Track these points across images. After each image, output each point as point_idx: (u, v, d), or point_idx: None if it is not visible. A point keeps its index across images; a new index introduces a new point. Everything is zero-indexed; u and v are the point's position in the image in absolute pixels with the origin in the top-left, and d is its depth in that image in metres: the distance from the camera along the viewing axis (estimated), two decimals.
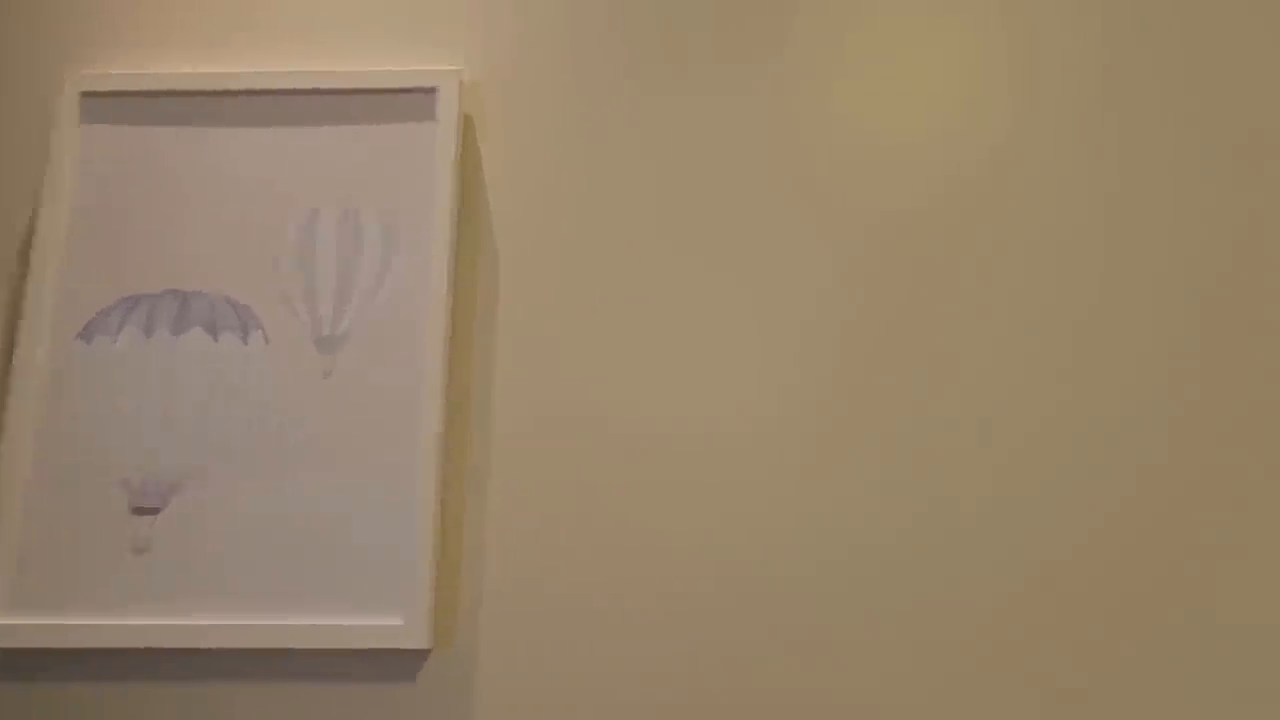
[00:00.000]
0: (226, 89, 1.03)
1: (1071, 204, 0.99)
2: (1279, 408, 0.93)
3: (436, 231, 0.97)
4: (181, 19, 1.07)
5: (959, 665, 0.89)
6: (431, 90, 1.01)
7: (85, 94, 1.03)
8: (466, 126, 1.02)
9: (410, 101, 1.01)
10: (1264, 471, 0.92)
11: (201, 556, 0.92)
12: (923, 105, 1.02)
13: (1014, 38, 1.03)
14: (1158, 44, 1.02)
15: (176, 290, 0.98)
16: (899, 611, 0.90)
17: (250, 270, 0.99)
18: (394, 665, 0.91)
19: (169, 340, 0.97)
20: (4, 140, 1.04)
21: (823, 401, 0.95)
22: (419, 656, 0.91)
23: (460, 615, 0.92)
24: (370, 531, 0.92)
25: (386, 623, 0.89)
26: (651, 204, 1.01)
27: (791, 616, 0.91)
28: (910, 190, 1.00)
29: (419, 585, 0.90)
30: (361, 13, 1.07)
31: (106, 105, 1.03)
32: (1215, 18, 1.02)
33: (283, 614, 0.91)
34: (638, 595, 0.91)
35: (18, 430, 0.94)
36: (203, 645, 0.89)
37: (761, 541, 0.92)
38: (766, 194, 1.01)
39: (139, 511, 0.93)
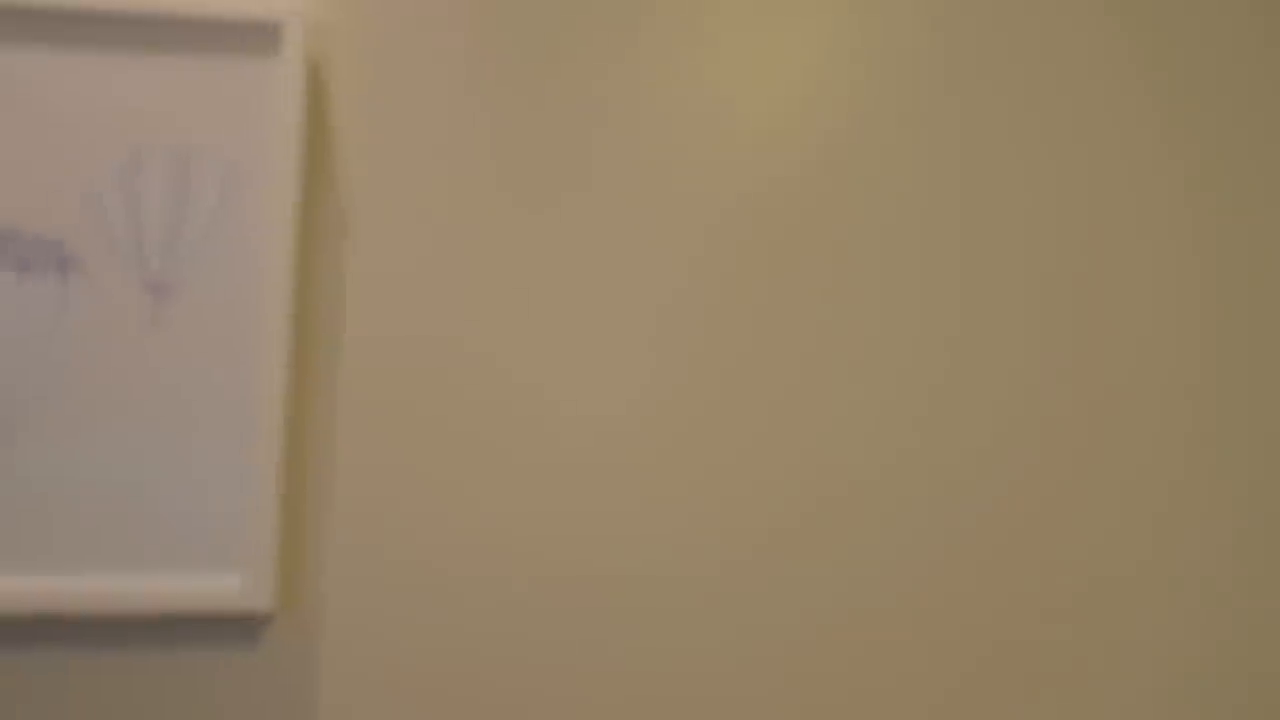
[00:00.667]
0: (44, 6, 0.93)
1: (928, 182, 1.05)
2: (1137, 392, 1.03)
3: (279, 177, 0.92)
4: None
5: (821, 654, 0.95)
6: (275, 27, 0.95)
7: None
8: (313, 69, 0.97)
9: (252, 37, 0.95)
10: (1118, 444, 1.02)
11: (17, 515, 0.86)
12: (778, 88, 1.04)
13: (868, 18, 1.07)
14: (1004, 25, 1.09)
15: None
16: (755, 592, 0.95)
17: (69, 207, 0.91)
18: (233, 630, 0.88)
19: None
20: None
21: (681, 380, 0.98)
22: (261, 620, 0.89)
23: (306, 576, 0.90)
24: (207, 488, 0.89)
25: (224, 583, 0.86)
26: (509, 163, 1.00)
27: (644, 578, 0.94)
28: (766, 172, 1.03)
29: (261, 542, 0.87)
30: None
31: None
32: (1062, 4, 1.09)
33: (111, 576, 0.86)
34: (491, 556, 0.92)
35: None
36: (19, 610, 0.84)
37: (613, 510, 0.95)
38: (629, 162, 1.01)
39: None
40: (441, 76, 1.00)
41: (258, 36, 0.94)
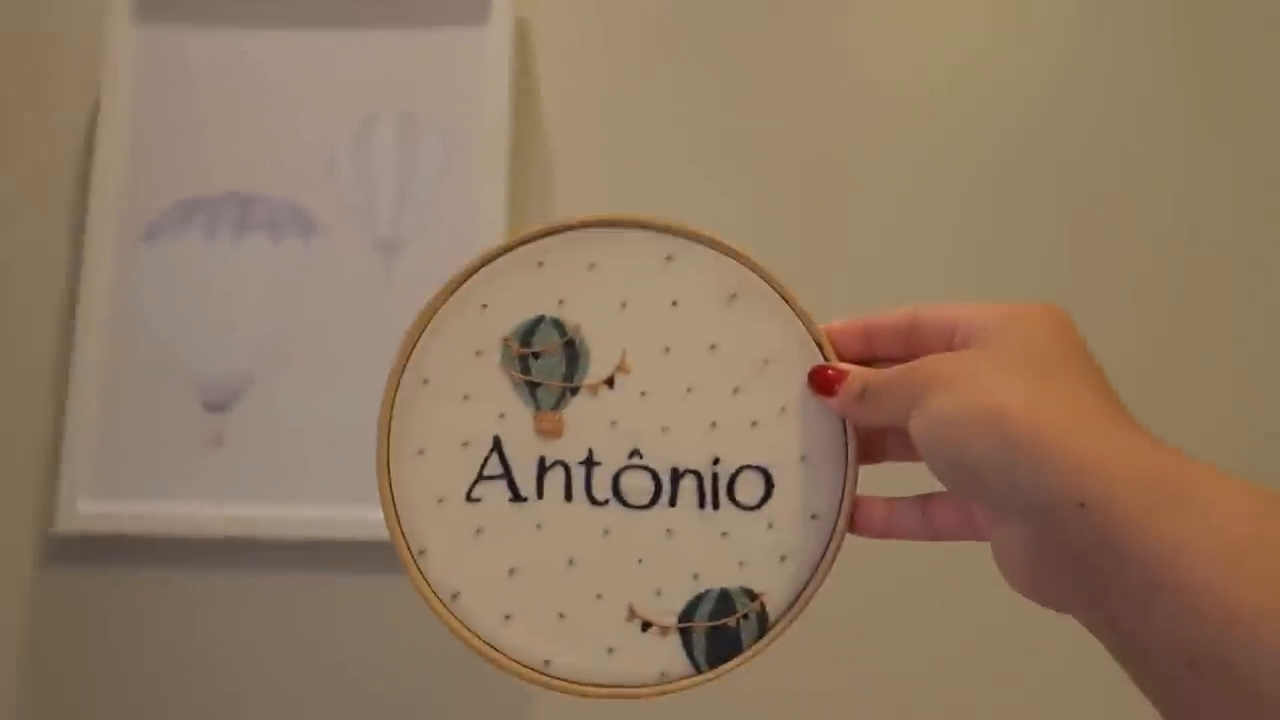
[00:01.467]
0: None
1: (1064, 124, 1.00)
2: None
3: (491, 137, 0.99)
4: None
5: None
6: None
7: None
8: (521, 30, 1.02)
9: (464, 4, 1.01)
10: None
11: (271, 451, 0.96)
12: (962, 55, 1.02)
13: None
14: None
15: (237, 193, 1.00)
16: None
17: (309, 174, 1.00)
18: None
19: (231, 243, 0.99)
20: (59, 42, 1.05)
21: None
22: None
23: None
24: None
25: None
26: (711, 110, 1.02)
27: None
28: (961, 140, 1.01)
29: None
30: None
31: (159, 5, 1.03)
32: None
33: (349, 506, 0.95)
34: None
35: (88, 331, 0.97)
36: (275, 535, 0.94)
37: None
38: (819, 119, 1.02)
39: (211, 408, 0.97)
40: (639, 33, 1.03)
41: (469, 7, 1.00)
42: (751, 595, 0.41)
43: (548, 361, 0.42)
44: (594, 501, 0.42)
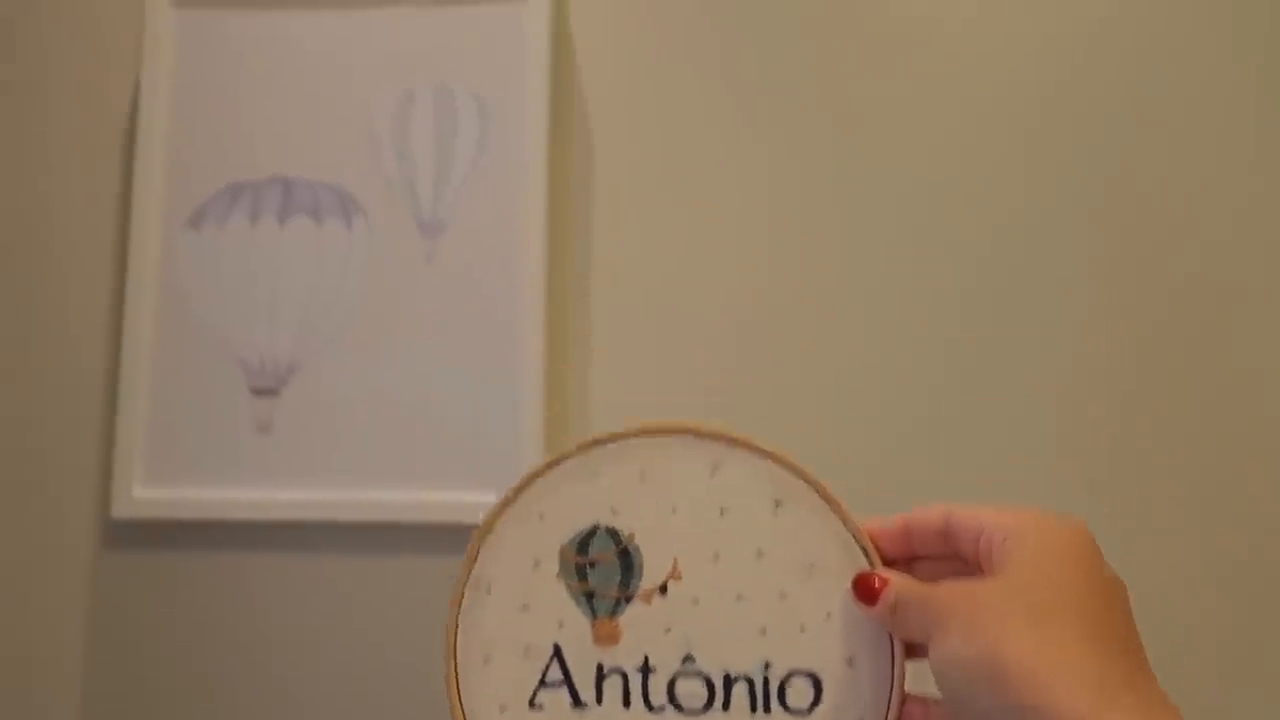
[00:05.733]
0: None
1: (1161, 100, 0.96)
2: None
3: (531, 111, 0.97)
4: None
5: None
6: None
7: None
8: (558, 4, 1.01)
9: None
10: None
11: (320, 435, 0.97)
12: (1008, 15, 0.99)
13: None
14: None
15: (281, 177, 1.00)
16: None
17: (351, 155, 1.00)
18: None
19: (275, 227, 0.99)
20: (100, 27, 1.05)
21: (908, 301, 0.96)
22: None
23: None
24: (477, 410, 0.96)
25: (491, 500, 0.93)
26: (749, 81, 1.00)
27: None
28: (1001, 96, 0.98)
29: (526, 459, 0.93)
30: None
31: None
32: None
33: (397, 489, 0.95)
34: None
35: (136, 317, 0.98)
36: (324, 518, 0.95)
37: (855, 431, 0.94)
38: (859, 87, 0.99)
39: (258, 393, 0.97)
40: (677, 5, 1.01)
41: None
42: None
43: (604, 570, 0.44)
44: (650, 708, 0.43)
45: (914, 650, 0.43)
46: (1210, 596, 0.91)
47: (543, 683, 0.44)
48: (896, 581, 0.42)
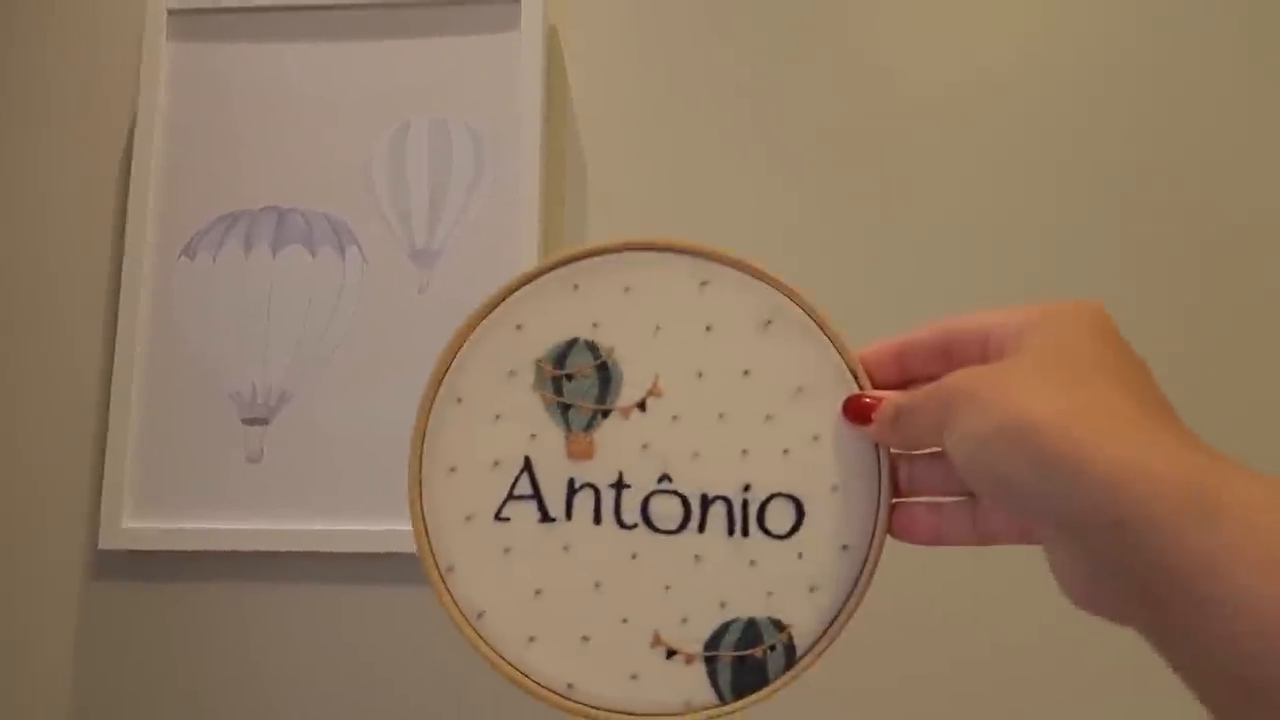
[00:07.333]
0: (312, 4, 1.03)
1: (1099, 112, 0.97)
2: None
3: (525, 143, 0.98)
4: None
5: None
6: (516, 4, 1.00)
7: (172, 11, 1.03)
8: (551, 36, 1.02)
9: (495, 12, 1.01)
10: None
11: (311, 466, 0.96)
12: (1018, 30, 0.99)
13: None
14: None
15: (275, 207, 1.00)
16: None
17: (345, 185, 1.00)
18: None
19: (268, 257, 1.00)
20: (96, 60, 1.06)
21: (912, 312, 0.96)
22: None
23: None
24: None
25: None
26: (741, 113, 1.01)
27: None
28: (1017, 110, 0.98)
29: None
30: None
31: (194, 22, 1.04)
32: None
33: (388, 520, 0.94)
34: None
35: (129, 346, 0.98)
36: (315, 549, 0.94)
37: None
38: (846, 112, 1.00)
39: (250, 422, 0.97)
40: (669, 39, 1.02)
41: (501, 15, 1.00)
42: (779, 626, 0.40)
43: (580, 384, 0.42)
44: (622, 525, 0.41)
45: (904, 487, 0.40)
46: None
47: (511, 495, 0.41)
48: (892, 395, 0.39)
